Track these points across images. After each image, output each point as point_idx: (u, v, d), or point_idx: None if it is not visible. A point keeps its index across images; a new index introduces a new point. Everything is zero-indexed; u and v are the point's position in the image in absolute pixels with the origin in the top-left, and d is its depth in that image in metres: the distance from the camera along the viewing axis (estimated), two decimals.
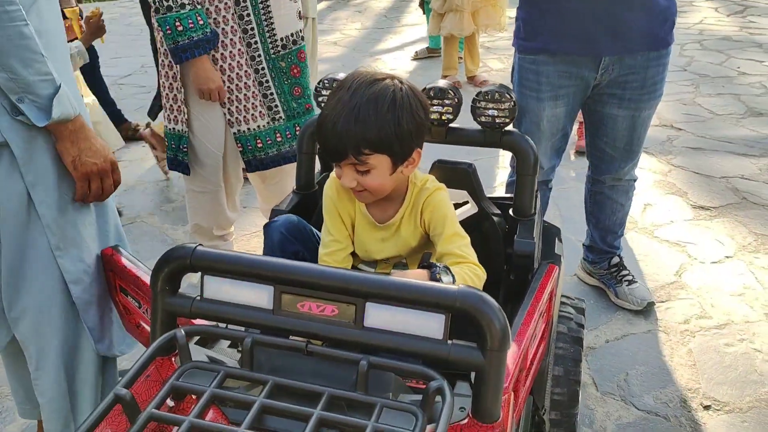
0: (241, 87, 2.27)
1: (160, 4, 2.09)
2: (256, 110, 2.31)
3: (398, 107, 1.25)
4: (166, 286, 1.14)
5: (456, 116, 1.57)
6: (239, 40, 2.20)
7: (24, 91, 1.27)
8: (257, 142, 2.36)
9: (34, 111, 1.29)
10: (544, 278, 1.49)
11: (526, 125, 2.15)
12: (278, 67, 2.29)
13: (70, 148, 1.36)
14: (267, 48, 2.25)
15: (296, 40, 2.31)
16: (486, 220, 1.61)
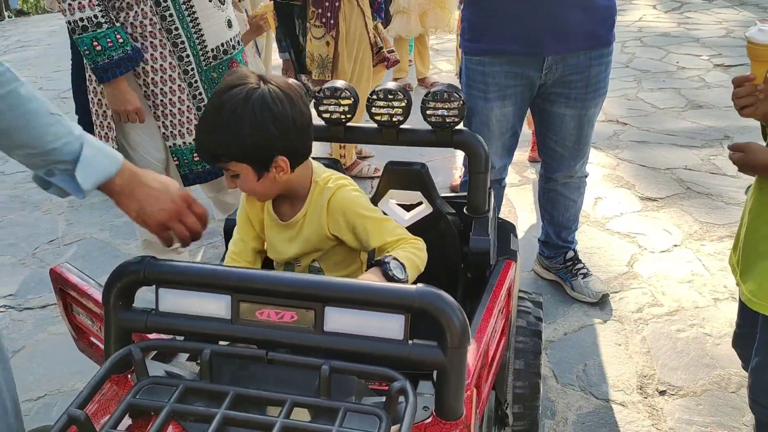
0: (174, 101, 2.23)
1: (76, 25, 2.01)
2: (191, 123, 2.27)
3: (240, 118, 1.20)
4: (119, 302, 1.11)
5: (406, 118, 1.58)
6: (169, 54, 2.16)
7: (50, 163, 1.09)
8: (193, 156, 2.31)
9: (68, 182, 1.11)
10: (501, 274, 1.51)
11: (476, 125, 2.18)
12: (210, 78, 2.27)
13: (129, 202, 1.18)
14: (199, 60, 2.22)
15: (227, 50, 2.29)
16: (441, 219, 1.63)
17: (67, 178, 1.11)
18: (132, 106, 2.14)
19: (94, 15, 2.00)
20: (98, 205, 3.61)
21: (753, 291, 1.44)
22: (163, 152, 2.34)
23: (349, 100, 1.60)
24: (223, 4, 2.26)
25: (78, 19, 2.00)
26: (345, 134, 1.65)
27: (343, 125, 1.63)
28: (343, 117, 1.61)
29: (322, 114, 1.61)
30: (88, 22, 2.00)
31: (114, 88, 2.10)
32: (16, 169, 4.11)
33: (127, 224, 3.34)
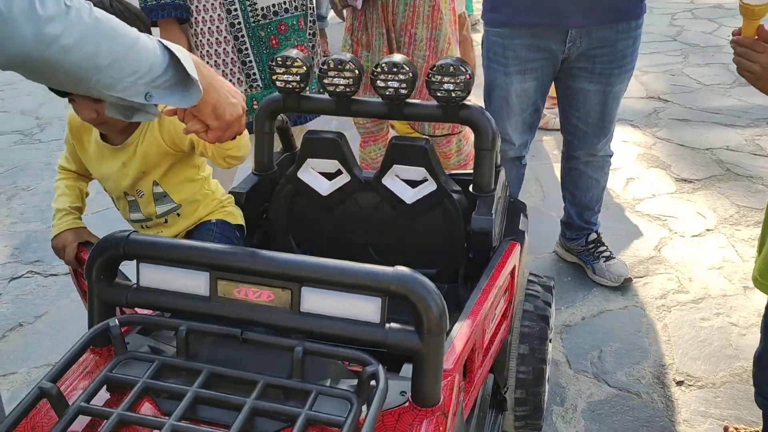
0: (219, 52, 2.25)
1: None
2: (234, 77, 2.30)
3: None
4: (100, 275, 1.11)
5: (411, 91, 1.53)
6: (219, 6, 2.19)
7: (150, 85, 0.99)
8: None
9: (170, 95, 1.02)
10: (503, 255, 1.46)
11: (495, 100, 2.11)
12: (258, 35, 2.27)
13: (210, 95, 1.08)
14: (247, 15, 2.23)
15: (278, 11, 2.29)
16: (445, 197, 1.58)
17: (165, 92, 1.01)
18: None
19: None
20: None
21: (761, 270, 1.36)
22: None
23: (354, 73, 1.55)
24: None
25: None
26: (350, 108, 1.61)
27: (348, 98, 1.59)
28: (348, 90, 1.57)
29: (327, 86, 1.57)
30: None
31: (164, 29, 2.19)
32: (52, 137, 4.20)
33: None
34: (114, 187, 1.56)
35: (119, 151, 1.49)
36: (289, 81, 1.59)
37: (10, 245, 2.92)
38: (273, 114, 1.67)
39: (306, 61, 1.58)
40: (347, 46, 2.47)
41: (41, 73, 0.89)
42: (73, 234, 1.51)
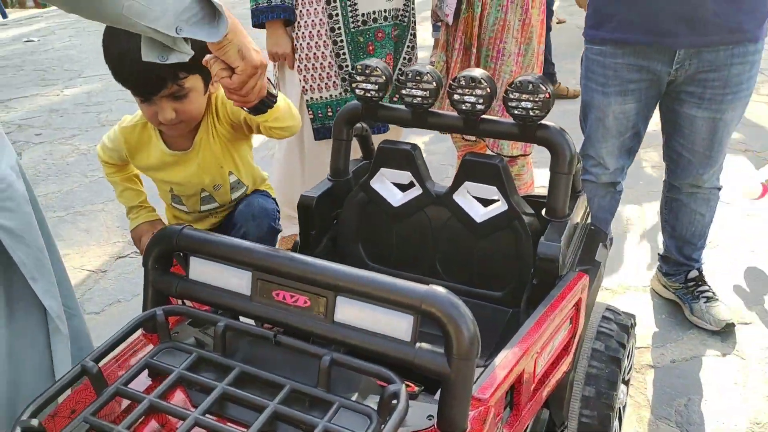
0: (318, 56, 2.33)
1: None
2: (331, 80, 2.36)
3: None
4: (155, 265, 1.16)
5: (488, 107, 1.48)
6: (322, 10, 2.26)
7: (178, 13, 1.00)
8: (328, 111, 2.41)
9: (199, 29, 1.03)
10: (567, 286, 1.37)
11: (591, 121, 2.01)
12: (356, 41, 2.33)
13: (236, 36, 1.11)
14: (347, 21, 2.29)
15: (377, 18, 2.33)
16: (516, 218, 1.52)
17: (193, 27, 1.03)
18: (282, 50, 2.33)
19: None
20: None
21: None
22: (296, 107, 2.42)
23: (431, 85, 1.53)
24: None
25: None
26: (426, 120, 1.59)
27: (424, 110, 1.57)
28: (425, 102, 1.55)
29: (404, 97, 1.56)
30: None
31: (271, 30, 2.31)
32: None
33: None
34: (189, 188, 1.62)
35: (190, 154, 1.56)
36: (368, 90, 1.60)
37: (122, 226, 3.14)
38: (351, 121, 1.68)
39: (385, 70, 1.58)
40: (440, 63, 2.45)
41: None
42: (149, 225, 1.60)
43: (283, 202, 2.64)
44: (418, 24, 2.52)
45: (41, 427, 0.92)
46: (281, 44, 2.33)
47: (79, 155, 4.04)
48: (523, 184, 2.54)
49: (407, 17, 2.41)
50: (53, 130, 4.58)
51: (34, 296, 1.20)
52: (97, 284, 2.70)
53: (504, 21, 2.23)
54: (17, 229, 1.12)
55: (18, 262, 1.13)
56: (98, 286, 2.68)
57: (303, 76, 2.37)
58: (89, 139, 4.32)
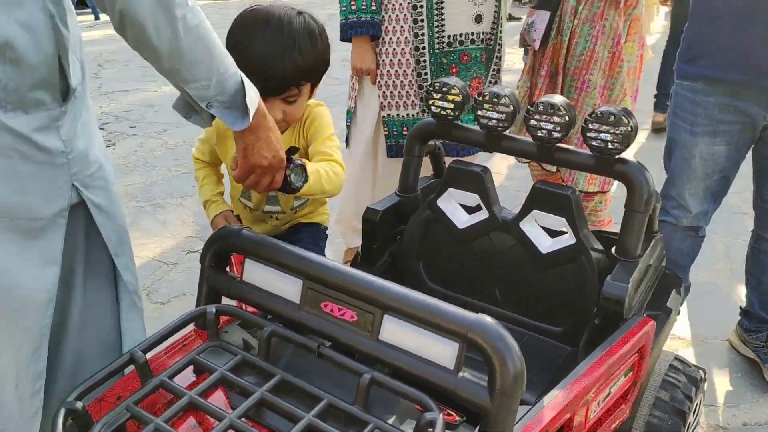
0: (399, 73, 2.33)
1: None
2: (410, 98, 2.36)
3: (319, 36, 1.44)
4: (212, 263, 1.18)
5: (565, 135, 1.43)
6: (408, 29, 2.27)
7: (215, 94, 1.12)
8: (403, 129, 2.41)
9: (225, 113, 1.15)
10: (631, 330, 1.30)
11: (675, 160, 1.91)
12: (439, 62, 2.32)
13: (248, 136, 1.21)
14: (432, 42, 2.29)
15: (463, 41, 2.32)
16: (583, 253, 1.45)
17: (223, 110, 1.15)
18: (366, 65, 2.35)
19: None
20: None
21: None
22: (372, 122, 2.46)
23: (508, 108, 1.50)
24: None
25: None
26: (500, 143, 1.56)
27: (499, 133, 1.54)
28: (500, 125, 1.52)
29: (479, 119, 1.53)
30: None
31: (357, 45, 2.34)
32: None
33: None
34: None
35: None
36: (444, 108, 1.58)
37: (197, 221, 3.24)
38: (424, 138, 1.67)
39: (463, 90, 1.55)
40: (524, 88, 2.41)
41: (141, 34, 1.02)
42: (222, 218, 1.64)
43: (351, 215, 2.65)
44: (510, 47, 2.49)
45: (84, 410, 0.94)
46: (366, 60, 2.35)
47: (166, 149, 4.22)
48: (600, 221, 2.45)
49: (494, 40, 2.38)
50: (146, 123, 4.80)
51: (108, 272, 1.26)
52: (166, 275, 2.79)
53: (592, 52, 2.17)
54: (105, 207, 1.19)
55: (105, 237, 1.20)
56: (167, 277, 2.77)
57: (382, 92, 2.38)
58: (178, 135, 4.50)
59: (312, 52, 1.41)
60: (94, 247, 1.22)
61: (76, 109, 1.10)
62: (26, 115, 1.01)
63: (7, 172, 1.02)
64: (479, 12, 2.31)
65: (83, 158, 1.12)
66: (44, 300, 1.11)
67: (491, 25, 2.35)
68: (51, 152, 1.05)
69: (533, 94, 2.39)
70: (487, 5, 2.32)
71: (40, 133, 1.03)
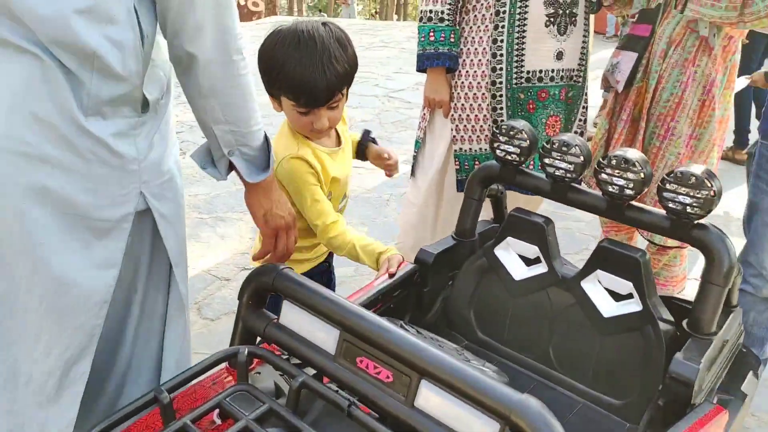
0: (474, 107, 2.26)
1: (424, 14, 2.25)
2: (483, 133, 2.29)
3: (346, 41, 1.48)
4: (249, 301, 1.13)
5: (638, 194, 1.32)
6: (486, 63, 2.21)
7: (239, 143, 1.21)
8: (475, 164, 2.33)
9: (245, 165, 1.23)
10: (699, 420, 1.17)
11: (756, 225, 1.76)
12: (516, 97, 2.24)
13: (264, 200, 1.28)
14: (511, 76, 2.21)
15: (542, 78, 2.24)
16: (650, 323, 1.33)
17: (243, 161, 1.22)
18: (440, 97, 2.30)
19: (442, 11, 2.21)
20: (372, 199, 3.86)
21: None
22: (442, 155, 2.40)
23: (579, 159, 1.40)
24: (562, 35, 2.21)
25: (428, 10, 2.23)
26: (566, 195, 1.46)
27: (566, 184, 1.44)
28: (568, 176, 1.42)
29: (546, 167, 1.44)
30: (433, 15, 2.22)
31: (432, 76, 2.29)
32: None
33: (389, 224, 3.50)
34: (343, 184, 1.67)
35: (343, 149, 1.66)
36: (510, 152, 1.50)
37: (254, 238, 3.23)
38: (486, 181, 1.59)
39: (531, 135, 1.47)
40: (601, 131, 2.29)
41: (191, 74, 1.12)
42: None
43: (410, 247, 2.58)
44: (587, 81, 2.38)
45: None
46: (440, 91, 2.30)
47: None
48: (673, 277, 2.29)
49: (582, 77, 2.29)
50: None
51: (165, 281, 1.29)
52: (219, 291, 2.78)
53: (680, 98, 2.04)
54: (170, 217, 1.23)
55: (168, 248, 1.24)
56: (219, 293, 2.77)
57: (455, 126, 2.32)
58: None
59: (345, 58, 1.45)
60: (156, 255, 1.26)
61: (155, 120, 1.15)
62: (104, 121, 1.06)
63: (83, 172, 1.06)
64: (561, 49, 2.22)
65: (155, 168, 1.16)
66: (98, 301, 1.13)
67: (577, 62, 2.25)
68: (124, 158, 1.10)
69: (611, 138, 2.27)
70: (571, 42, 2.22)
71: (117, 139, 1.08)
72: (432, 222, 2.52)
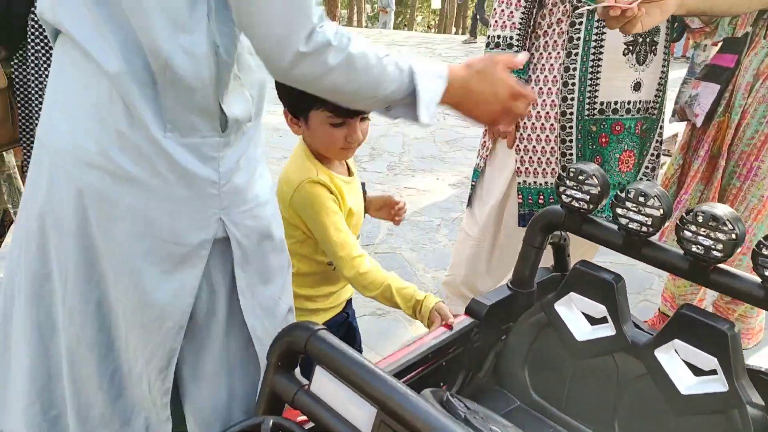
0: (541, 138, 2.11)
1: (492, 39, 2.12)
2: (549, 166, 2.13)
3: None
4: (279, 362, 1.02)
5: (728, 257, 1.15)
6: (556, 92, 2.06)
7: (388, 101, 1.14)
8: (539, 198, 2.19)
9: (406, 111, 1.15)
10: None
11: None
12: (587, 130, 2.08)
13: (459, 108, 1.20)
14: (582, 107, 2.05)
15: (618, 109, 2.06)
16: (737, 407, 1.15)
17: (404, 108, 1.14)
18: (504, 126, 2.14)
19: (511, 36, 2.07)
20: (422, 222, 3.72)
21: None
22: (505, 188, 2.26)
23: (657, 212, 1.23)
24: (641, 64, 2.03)
25: (496, 36, 2.10)
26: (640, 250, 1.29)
27: (641, 239, 1.28)
28: (643, 230, 1.25)
29: (618, 218, 1.28)
30: (501, 41, 2.09)
31: None
32: (375, 169, 4.51)
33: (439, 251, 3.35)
34: (359, 215, 1.60)
35: (354, 179, 1.58)
36: (577, 198, 1.34)
37: None
38: (548, 228, 1.44)
39: (602, 181, 1.31)
40: (674, 166, 2.10)
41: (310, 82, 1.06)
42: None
43: (462, 281, 2.44)
44: None
45: None
46: None
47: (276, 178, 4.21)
48: (748, 329, 2.08)
49: (657, 109, 2.10)
50: (269, 148, 4.85)
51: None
52: None
53: (766, 136, 1.84)
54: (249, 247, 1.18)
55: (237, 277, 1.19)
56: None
57: (520, 157, 2.16)
58: None
59: None
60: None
61: (239, 144, 1.10)
62: (182, 139, 1.03)
63: (162, 193, 1.04)
64: (639, 79, 2.04)
65: (238, 193, 1.11)
66: (173, 326, 1.12)
67: (654, 94, 2.08)
68: (203, 180, 1.06)
69: (685, 175, 2.09)
70: (650, 72, 2.04)
71: (195, 159, 1.05)
72: (487, 256, 2.37)
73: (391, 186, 4.20)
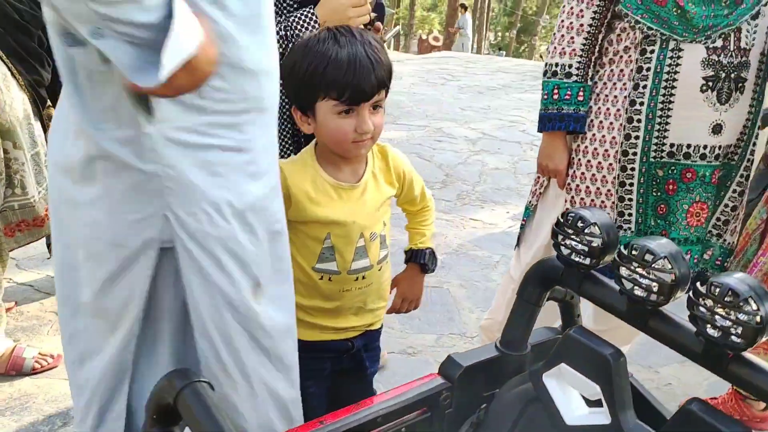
0: (597, 178, 1.88)
1: (549, 68, 1.93)
2: (604, 207, 1.89)
3: (377, 47, 1.40)
4: (154, 415, 0.86)
5: (750, 344, 0.88)
6: (618, 127, 1.82)
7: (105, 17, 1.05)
8: None
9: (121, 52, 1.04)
10: None
11: None
12: (653, 173, 1.82)
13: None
14: (648, 148, 1.80)
15: (691, 154, 1.78)
16: None
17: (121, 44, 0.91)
18: (554, 165, 1.96)
19: (570, 64, 1.88)
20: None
21: None
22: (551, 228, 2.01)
23: (671, 276, 0.98)
24: (723, 104, 1.75)
25: (554, 63, 1.92)
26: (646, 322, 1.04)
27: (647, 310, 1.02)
28: (651, 299, 1.00)
29: (622, 280, 1.03)
30: (560, 69, 1.90)
31: (549, 140, 1.97)
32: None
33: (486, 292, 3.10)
34: (351, 232, 1.45)
35: (357, 189, 1.47)
36: (576, 250, 1.10)
37: None
38: (546, 283, 1.20)
39: (607, 231, 1.07)
40: (757, 220, 1.78)
41: None
42: None
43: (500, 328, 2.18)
44: None
45: None
46: (556, 159, 1.94)
47: None
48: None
49: (739, 154, 1.81)
50: None
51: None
52: None
53: None
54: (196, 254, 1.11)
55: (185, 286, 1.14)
56: None
57: (571, 198, 1.94)
58: None
59: (384, 53, 1.40)
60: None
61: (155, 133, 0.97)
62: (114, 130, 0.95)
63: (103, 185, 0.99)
64: (720, 121, 1.75)
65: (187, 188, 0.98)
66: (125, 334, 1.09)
67: (737, 137, 1.79)
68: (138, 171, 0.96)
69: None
70: (734, 113, 1.75)
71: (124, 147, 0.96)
72: (510, 299, 2.13)
73: (456, 216, 3.98)
